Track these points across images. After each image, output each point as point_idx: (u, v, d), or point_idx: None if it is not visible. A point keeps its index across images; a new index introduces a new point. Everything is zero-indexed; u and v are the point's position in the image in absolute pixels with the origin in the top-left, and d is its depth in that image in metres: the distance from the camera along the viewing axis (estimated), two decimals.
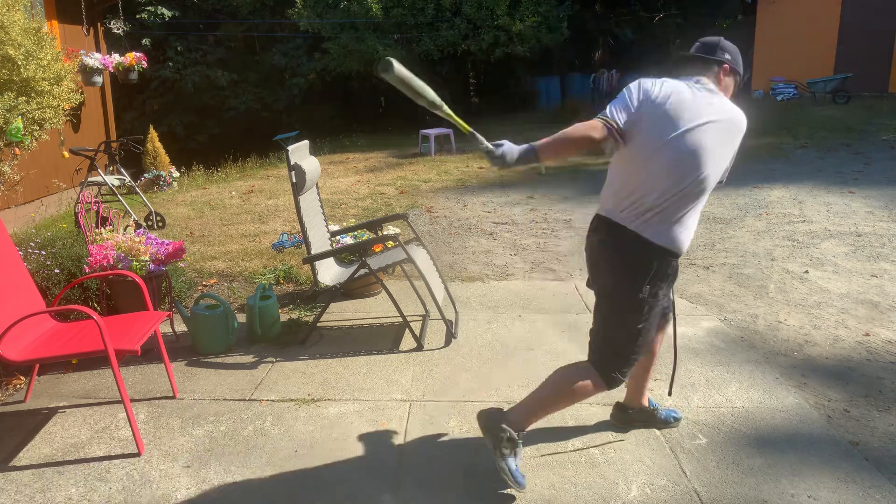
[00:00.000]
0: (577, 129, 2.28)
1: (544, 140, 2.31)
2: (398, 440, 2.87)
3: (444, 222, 6.69)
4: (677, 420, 2.94)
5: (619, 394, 3.19)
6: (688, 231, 2.42)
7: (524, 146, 2.32)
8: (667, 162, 2.32)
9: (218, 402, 3.24)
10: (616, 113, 2.32)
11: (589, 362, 2.53)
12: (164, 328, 4.10)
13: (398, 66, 2.38)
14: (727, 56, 2.48)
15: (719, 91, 2.44)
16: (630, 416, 2.92)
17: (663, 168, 2.32)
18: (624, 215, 2.40)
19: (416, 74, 2.46)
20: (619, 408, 2.95)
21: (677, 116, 2.32)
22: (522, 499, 2.47)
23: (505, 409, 2.57)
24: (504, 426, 2.47)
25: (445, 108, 2.49)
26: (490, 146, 2.33)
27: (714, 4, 19.64)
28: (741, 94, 16.34)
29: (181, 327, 4.09)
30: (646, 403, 2.92)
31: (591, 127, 2.28)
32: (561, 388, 2.51)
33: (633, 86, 2.40)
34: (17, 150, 4.62)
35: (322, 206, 4.41)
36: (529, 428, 2.56)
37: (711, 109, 2.35)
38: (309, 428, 2.98)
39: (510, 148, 2.31)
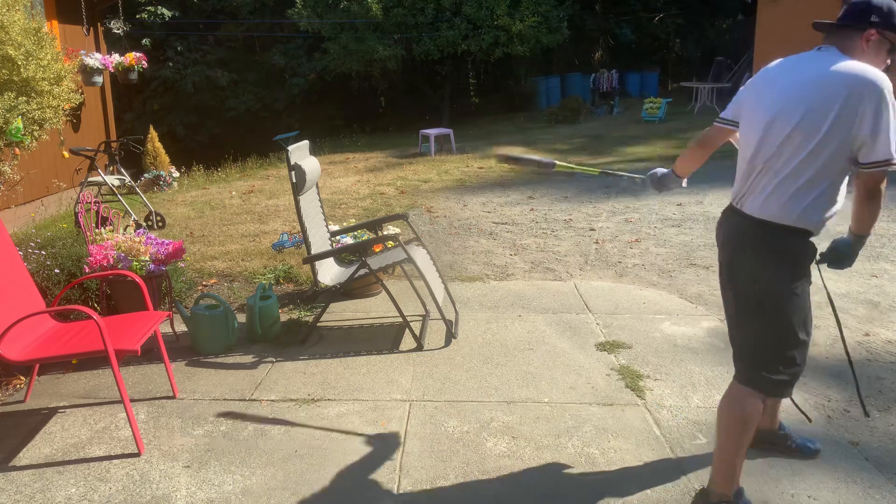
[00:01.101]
0: (702, 135, 2.50)
1: (678, 160, 2.60)
2: (398, 440, 2.87)
3: (444, 222, 6.69)
4: (814, 451, 2.67)
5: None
6: (811, 206, 2.16)
7: (664, 171, 2.69)
8: (762, 124, 2.20)
9: (218, 402, 3.24)
10: (728, 108, 2.43)
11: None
12: (164, 328, 4.10)
13: (506, 153, 2.70)
14: (874, 18, 2.12)
15: (852, 57, 2.13)
16: (759, 437, 2.59)
17: (760, 131, 2.20)
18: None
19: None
20: None
21: (769, 79, 2.26)
22: (523, 498, 2.47)
23: (704, 487, 2.39)
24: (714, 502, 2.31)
25: (559, 164, 2.60)
26: (633, 178, 2.56)
27: (714, 4, 19.65)
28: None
29: (181, 327, 4.09)
30: (776, 427, 2.72)
31: (706, 131, 2.49)
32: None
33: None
34: (17, 150, 4.61)
35: (322, 206, 4.41)
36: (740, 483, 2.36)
37: (815, 64, 2.15)
38: (309, 428, 2.98)
39: (652, 175, 2.62)
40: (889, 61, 2.21)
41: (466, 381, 3.38)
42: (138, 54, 8.27)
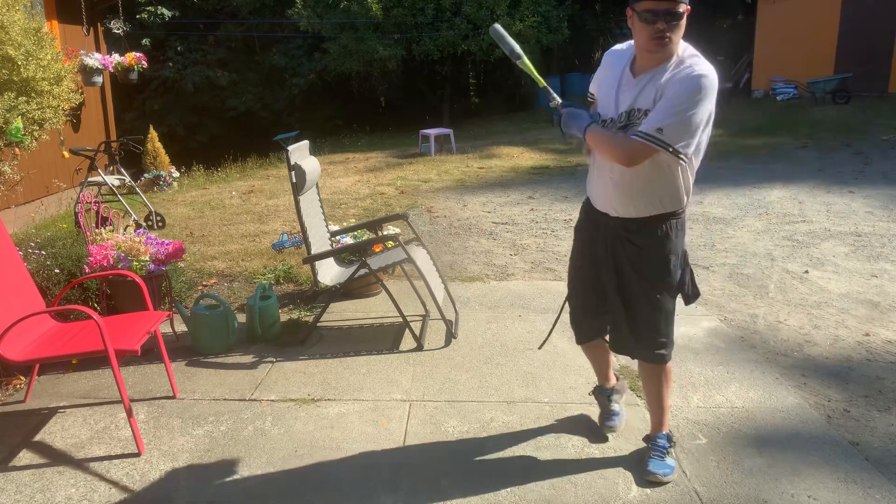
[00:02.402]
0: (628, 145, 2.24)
1: (600, 130, 2.30)
2: (398, 440, 2.87)
3: (444, 222, 6.69)
4: (650, 472, 2.57)
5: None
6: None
7: (585, 123, 2.32)
8: None
9: (218, 402, 3.24)
10: None
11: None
12: (164, 328, 4.10)
13: (498, 31, 2.52)
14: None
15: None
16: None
17: None
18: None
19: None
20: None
21: None
22: (523, 498, 2.47)
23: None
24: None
25: (524, 59, 2.53)
26: (558, 102, 2.40)
27: (714, 4, 19.63)
28: (741, 95, 16.34)
29: (181, 327, 4.09)
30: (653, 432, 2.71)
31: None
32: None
33: None
34: (17, 150, 4.61)
35: (322, 206, 4.41)
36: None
37: None
38: (309, 428, 2.98)
39: (572, 116, 2.34)
40: (661, 28, 2.17)
41: (466, 381, 3.38)
42: (138, 54, 8.27)
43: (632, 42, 2.37)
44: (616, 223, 2.45)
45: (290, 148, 3.80)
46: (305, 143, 4.12)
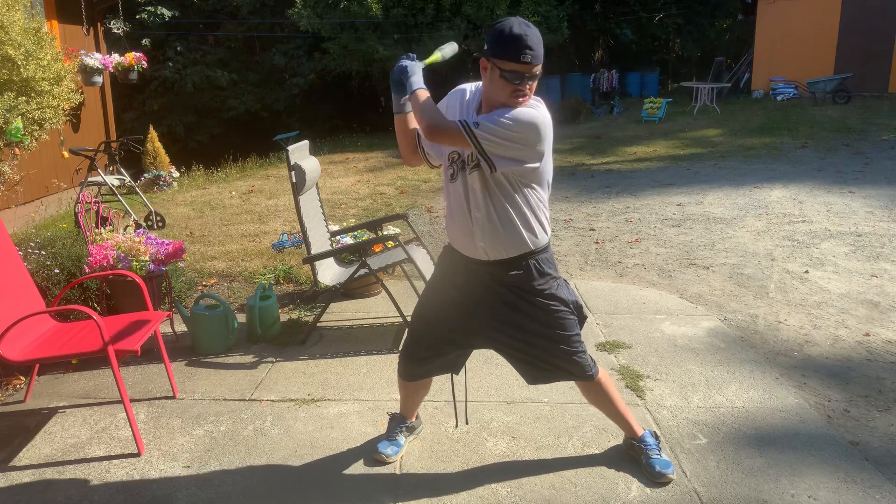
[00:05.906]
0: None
1: (426, 98, 2.27)
2: None
3: (444, 222, 6.69)
4: (659, 474, 2.57)
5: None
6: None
7: (419, 84, 2.32)
8: None
9: (218, 402, 3.24)
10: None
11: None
12: (164, 328, 4.10)
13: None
14: (485, 46, 2.24)
15: (483, 85, 2.33)
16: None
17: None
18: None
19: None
20: None
21: None
22: (523, 498, 2.48)
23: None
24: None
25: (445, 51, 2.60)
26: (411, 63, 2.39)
27: (714, 4, 19.64)
28: (742, 94, 16.34)
29: (181, 327, 4.09)
30: (637, 434, 2.70)
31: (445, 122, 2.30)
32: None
33: None
34: (17, 150, 4.61)
35: (322, 206, 4.41)
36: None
37: None
38: (309, 428, 2.98)
39: (414, 70, 2.36)
40: (522, 87, 2.20)
41: (466, 381, 3.37)
42: (138, 54, 8.26)
43: (478, 85, 2.39)
44: (490, 269, 2.41)
45: (290, 148, 3.80)
46: (305, 143, 4.12)
